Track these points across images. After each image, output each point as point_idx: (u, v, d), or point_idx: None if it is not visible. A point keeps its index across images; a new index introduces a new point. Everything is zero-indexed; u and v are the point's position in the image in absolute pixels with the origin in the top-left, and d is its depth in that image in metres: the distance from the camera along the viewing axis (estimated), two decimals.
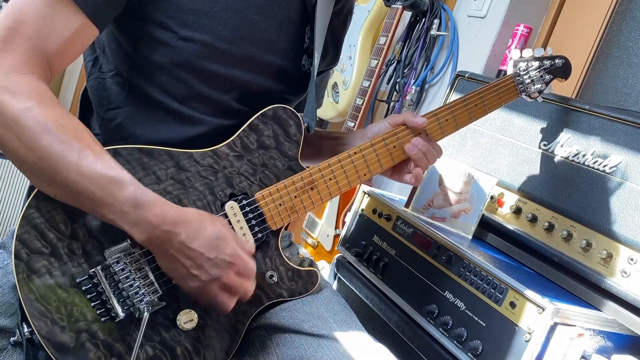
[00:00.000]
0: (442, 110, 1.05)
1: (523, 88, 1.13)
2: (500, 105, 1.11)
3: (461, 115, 1.07)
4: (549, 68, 1.14)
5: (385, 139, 1.02)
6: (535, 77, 1.13)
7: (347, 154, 0.99)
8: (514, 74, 1.13)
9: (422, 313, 1.14)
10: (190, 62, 0.91)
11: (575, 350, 0.93)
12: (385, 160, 1.02)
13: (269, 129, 0.96)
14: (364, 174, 1.01)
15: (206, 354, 0.91)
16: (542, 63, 1.14)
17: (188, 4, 0.89)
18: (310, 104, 1.02)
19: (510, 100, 1.12)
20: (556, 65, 1.14)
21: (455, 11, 2.15)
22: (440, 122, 1.05)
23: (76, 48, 0.85)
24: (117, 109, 0.95)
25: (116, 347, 0.86)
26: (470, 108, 1.07)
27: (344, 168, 0.99)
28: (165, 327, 0.88)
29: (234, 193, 0.94)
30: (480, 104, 1.08)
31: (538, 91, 1.14)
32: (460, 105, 1.06)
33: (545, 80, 1.14)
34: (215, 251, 0.81)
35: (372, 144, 1.01)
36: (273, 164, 0.96)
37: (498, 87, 1.10)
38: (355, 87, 2.34)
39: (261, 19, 0.94)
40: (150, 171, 0.89)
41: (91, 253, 0.85)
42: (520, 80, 1.13)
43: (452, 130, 1.07)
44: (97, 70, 0.97)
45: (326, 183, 0.98)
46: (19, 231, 0.83)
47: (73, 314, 0.84)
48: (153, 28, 0.89)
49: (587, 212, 1.09)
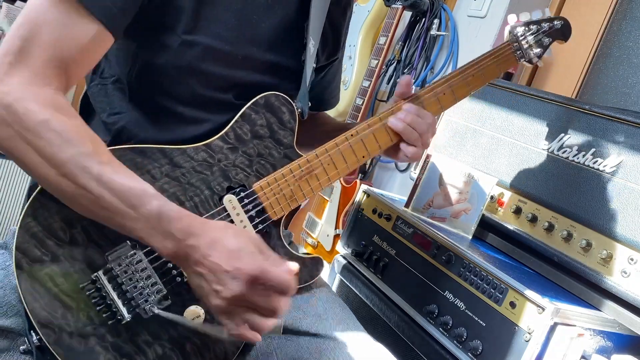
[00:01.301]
0: (439, 84, 1.02)
1: (522, 54, 1.10)
2: (498, 73, 1.08)
3: (459, 87, 1.03)
4: (548, 31, 1.11)
5: (381, 118, 0.99)
6: (534, 41, 1.10)
7: (344, 136, 0.96)
8: (511, 39, 1.10)
9: (422, 313, 1.14)
10: (192, 65, 0.91)
11: (575, 350, 0.93)
12: (383, 140, 0.99)
13: (262, 118, 0.95)
14: (362, 155, 0.98)
15: (216, 348, 0.91)
16: (541, 26, 1.10)
17: (191, 7, 0.89)
18: (304, 88, 1.00)
19: (508, 67, 1.09)
20: (555, 27, 1.11)
21: (455, 11, 2.15)
22: (437, 95, 1.02)
23: (93, 57, 0.83)
24: (119, 114, 0.95)
25: (125, 348, 0.86)
26: (467, 79, 1.03)
27: (342, 152, 0.96)
28: (173, 324, 0.88)
29: (232, 186, 0.93)
30: (478, 74, 1.04)
31: (537, 56, 1.11)
32: (457, 76, 1.03)
33: (544, 44, 1.11)
34: (236, 263, 0.75)
35: (369, 124, 0.98)
36: (269, 153, 0.95)
37: (495, 55, 1.07)
38: (355, 87, 2.35)
39: (260, 19, 0.94)
40: (144, 170, 0.88)
41: (92, 257, 0.85)
42: (517, 46, 1.09)
43: (451, 103, 1.03)
44: (99, 76, 0.96)
45: (324, 168, 0.96)
46: (18, 241, 0.82)
47: (80, 319, 0.84)
48: (155, 32, 0.89)
49: (587, 212, 1.09)
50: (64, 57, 0.78)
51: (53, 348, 0.82)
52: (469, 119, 1.38)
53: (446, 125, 1.44)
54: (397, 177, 2.26)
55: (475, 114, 1.37)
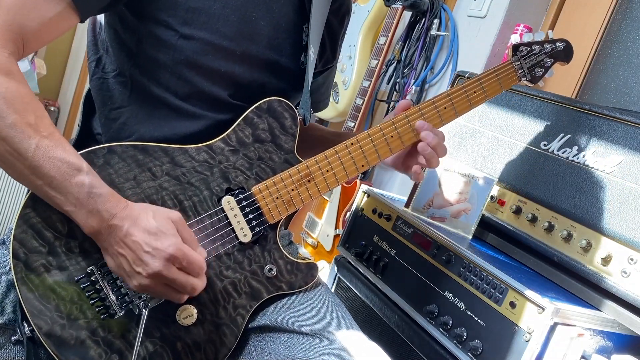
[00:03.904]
0: (440, 98, 1.03)
1: (523, 73, 1.11)
2: (500, 91, 1.09)
3: (460, 103, 1.04)
4: (550, 52, 1.12)
5: (382, 129, 1.00)
6: (536, 62, 1.11)
7: (344, 145, 0.98)
8: (514, 58, 1.11)
9: (422, 313, 1.14)
10: (191, 60, 0.92)
11: (575, 350, 0.93)
12: (383, 151, 1.00)
13: (264, 122, 0.96)
14: (361, 165, 0.99)
15: (207, 348, 0.92)
16: (543, 47, 1.12)
17: (187, 2, 0.90)
18: (306, 96, 1.02)
19: (510, 85, 1.11)
20: (557, 48, 1.12)
21: (455, 11, 2.15)
22: (439, 110, 1.03)
23: (54, 32, 0.85)
24: (120, 109, 0.96)
25: (116, 344, 0.86)
26: (469, 95, 1.05)
27: (341, 159, 0.98)
28: (165, 323, 0.89)
29: (231, 188, 0.94)
30: (479, 91, 1.06)
31: (539, 76, 1.13)
32: (459, 92, 1.04)
33: (546, 65, 1.12)
34: (155, 243, 0.80)
35: (370, 134, 0.99)
36: (269, 157, 0.96)
37: (498, 73, 1.08)
38: (355, 87, 2.35)
39: (260, 16, 0.95)
40: (145, 168, 0.89)
41: (88, 251, 0.85)
42: (520, 65, 1.11)
43: (451, 119, 1.05)
44: (101, 70, 0.98)
45: (323, 175, 0.97)
46: (16, 231, 0.83)
47: (73, 312, 0.84)
48: (154, 27, 0.90)
49: (587, 212, 1.09)
50: (24, 25, 0.80)
51: (44, 339, 0.83)
52: (469, 119, 1.38)
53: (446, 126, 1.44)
54: (397, 177, 2.26)
55: (475, 114, 1.37)
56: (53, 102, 4.01)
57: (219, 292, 0.93)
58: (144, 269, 0.80)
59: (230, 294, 0.93)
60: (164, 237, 0.81)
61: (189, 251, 0.82)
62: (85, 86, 1.05)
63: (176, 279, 0.82)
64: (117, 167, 0.87)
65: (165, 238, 0.81)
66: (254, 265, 0.95)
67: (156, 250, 0.80)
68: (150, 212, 0.83)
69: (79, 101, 0.99)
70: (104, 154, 0.87)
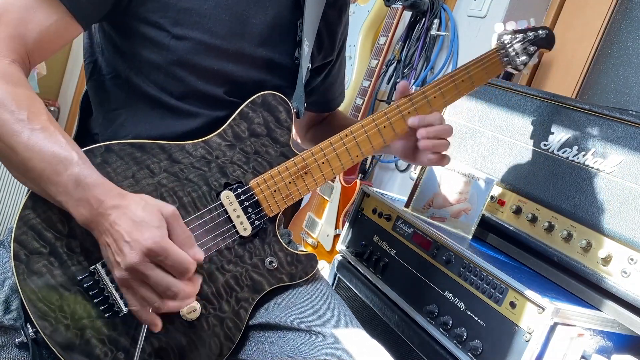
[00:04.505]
0: (429, 88, 1.06)
1: (508, 61, 1.13)
2: (486, 79, 1.12)
3: (449, 91, 1.07)
4: (533, 39, 1.14)
5: (375, 119, 1.02)
6: (520, 49, 1.13)
7: (339, 136, 1.00)
8: (498, 47, 1.13)
9: (422, 313, 1.14)
10: (184, 60, 0.93)
11: (575, 350, 0.93)
12: (376, 141, 1.02)
13: (259, 117, 0.97)
14: (356, 155, 1.01)
15: (211, 342, 0.92)
16: (526, 35, 1.14)
17: (178, 3, 0.91)
18: (299, 89, 1.03)
19: (496, 74, 1.13)
20: (540, 36, 1.15)
21: (455, 11, 2.15)
22: (428, 98, 1.05)
23: (56, 42, 0.86)
24: (118, 110, 0.97)
25: (122, 342, 0.86)
26: (457, 83, 1.07)
27: (336, 151, 0.99)
28: (168, 318, 0.89)
29: (229, 182, 0.95)
30: (467, 79, 1.08)
31: (523, 63, 1.15)
32: (447, 81, 1.06)
33: (530, 52, 1.14)
34: (134, 233, 0.75)
35: (363, 125, 1.01)
36: (265, 151, 0.97)
37: (483, 61, 1.10)
38: (355, 87, 2.34)
39: (252, 14, 0.97)
40: (143, 165, 0.90)
41: (90, 250, 0.85)
42: (504, 53, 1.13)
43: (441, 107, 1.07)
44: (97, 72, 0.99)
45: (319, 167, 0.98)
46: (17, 232, 0.83)
47: (76, 312, 0.84)
48: (146, 28, 0.91)
49: (587, 212, 1.09)
50: (27, 36, 0.82)
51: (49, 340, 0.82)
52: (469, 119, 1.38)
53: None
54: (397, 177, 2.26)
55: (475, 114, 1.37)
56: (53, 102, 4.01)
57: (221, 286, 0.93)
58: (122, 259, 0.76)
59: (232, 288, 0.94)
60: (144, 228, 0.75)
61: (171, 247, 0.76)
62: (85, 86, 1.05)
63: (150, 275, 0.75)
64: (115, 166, 0.88)
65: (147, 229, 0.75)
66: (255, 258, 0.96)
67: (135, 242, 0.75)
68: (141, 203, 0.79)
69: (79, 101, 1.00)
70: (102, 153, 0.87)
